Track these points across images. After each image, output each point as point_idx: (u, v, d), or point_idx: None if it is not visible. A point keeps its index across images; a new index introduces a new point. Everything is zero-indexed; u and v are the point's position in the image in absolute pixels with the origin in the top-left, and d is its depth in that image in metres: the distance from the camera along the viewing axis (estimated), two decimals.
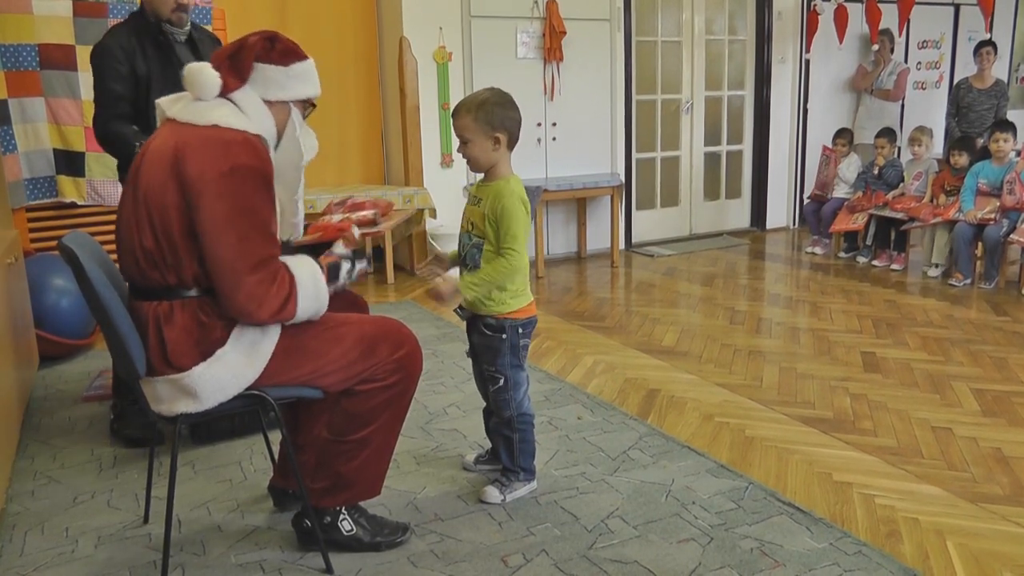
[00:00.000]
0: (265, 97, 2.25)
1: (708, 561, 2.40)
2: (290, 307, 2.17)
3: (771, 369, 4.15)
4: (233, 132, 2.14)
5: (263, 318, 2.15)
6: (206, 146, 2.09)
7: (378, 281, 6.38)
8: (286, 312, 2.17)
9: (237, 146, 2.11)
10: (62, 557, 2.51)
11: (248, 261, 2.10)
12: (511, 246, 2.61)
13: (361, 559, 2.44)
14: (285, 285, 2.16)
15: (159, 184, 2.09)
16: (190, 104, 2.20)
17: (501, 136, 2.61)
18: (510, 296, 2.69)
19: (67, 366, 4.34)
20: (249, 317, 2.14)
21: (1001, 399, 3.69)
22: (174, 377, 2.16)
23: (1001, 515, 2.67)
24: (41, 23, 4.96)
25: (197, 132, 2.12)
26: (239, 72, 2.21)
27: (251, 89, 2.23)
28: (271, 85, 2.26)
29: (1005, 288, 5.76)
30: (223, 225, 2.07)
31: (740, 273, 6.49)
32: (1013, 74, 9.45)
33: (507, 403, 2.77)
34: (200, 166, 2.07)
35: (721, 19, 7.87)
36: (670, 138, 7.78)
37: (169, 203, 2.09)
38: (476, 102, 2.60)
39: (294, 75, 2.31)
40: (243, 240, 2.09)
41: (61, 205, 5.24)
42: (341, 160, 6.61)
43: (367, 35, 6.55)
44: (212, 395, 2.19)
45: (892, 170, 6.65)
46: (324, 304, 2.28)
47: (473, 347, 2.83)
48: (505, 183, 2.66)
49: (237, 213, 2.08)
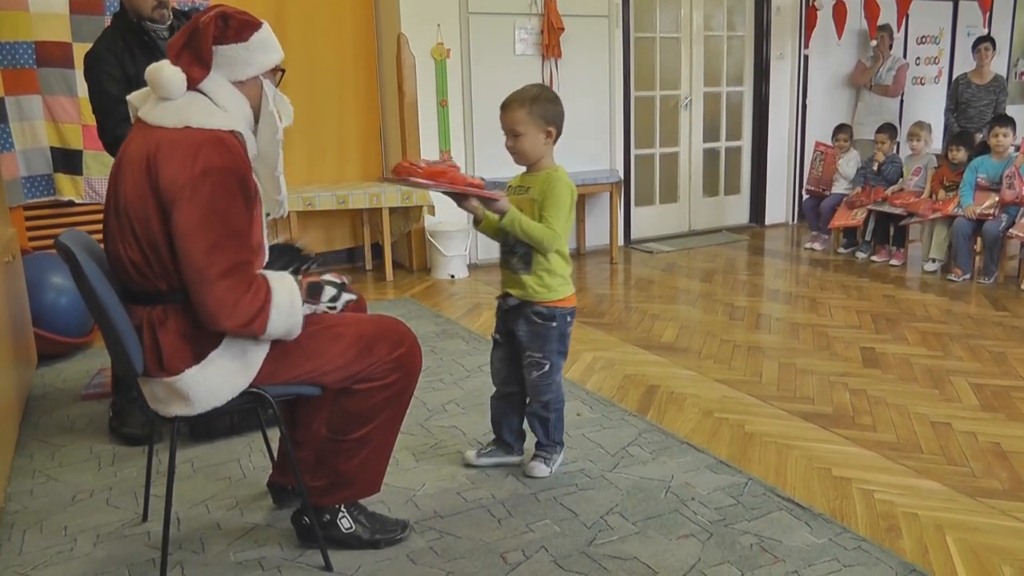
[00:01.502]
0: (233, 79, 2.19)
1: (708, 557, 2.40)
2: (262, 318, 2.10)
3: (770, 365, 4.15)
4: (204, 133, 2.08)
5: (233, 326, 2.08)
6: (176, 150, 2.04)
7: (377, 279, 6.38)
8: (257, 323, 2.10)
9: (208, 147, 2.06)
10: (61, 555, 2.51)
11: (219, 267, 2.04)
12: (552, 222, 2.72)
13: (360, 556, 2.43)
14: (260, 295, 2.10)
15: (138, 195, 2.07)
16: (159, 104, 2.14)
17: (552, 130, 2.77)
18: (559, 284, 2.80)
19: (66, 364, 4.33)
20: (218, 324, 2.07)
21: (1000, 394, 3.69)
22: (168, 380, 2.16)
23: (1000, 510, 2.67)
24: (38, 20, 4.95)
25: (168, 136, 2.08)
26: (201, 61, 2.15)
27: (217, 75, 2.17)
28: (236, 65, 2.19)
29: (1004, 283, 5.76)
30: (194, 230, 2.02)
31: (739, 269, 6.48)
32: (1012, 69, 9.45)
33: (548, 387, 2.89)
34: (172, 172, 2.02)
35: (720, 15, 7.85)
36: (669, 134, 7.77)
37: (150, 213, 2.06)
38: (529, 96, 2.72)
39: (255, 48, 2.22)
40: (214, 246, 2.04)
41: (59, 203, 5.24)
42: (339, 157, 6.59)
43: (365, 32, 6.54)
44: (205, 399, 2.18)
45: (891, 166, 6.64)
46: (297, 323, 2.19)
47: (513, 336, 2.88)
48: (555, 171, 2.81)
49: (208, 217, 2.03)
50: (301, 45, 6.22)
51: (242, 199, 2.10)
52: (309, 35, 6.25)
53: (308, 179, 6.46)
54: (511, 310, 2.85)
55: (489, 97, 6.60)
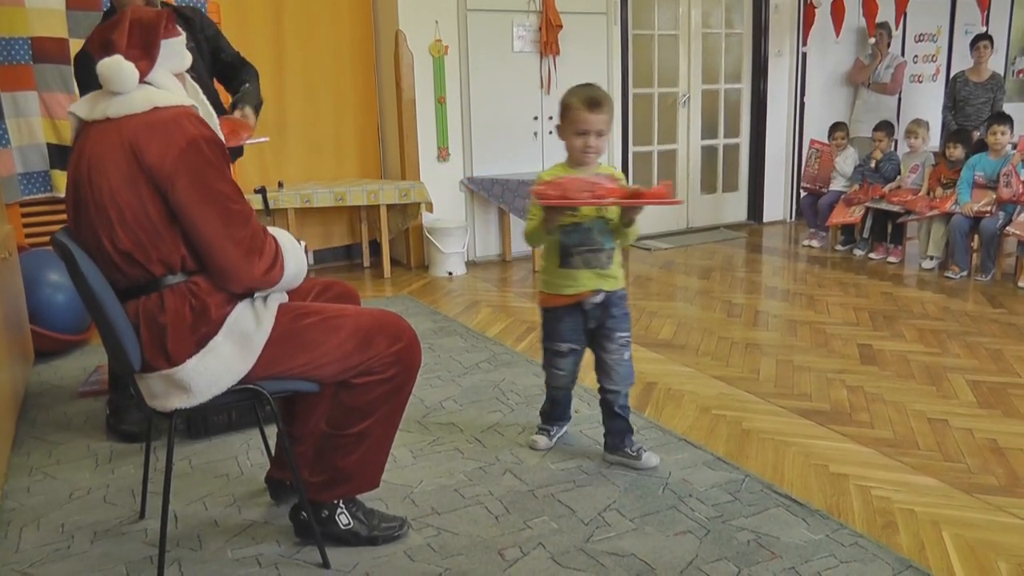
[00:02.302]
0: (174, 71, 2.29)
1: (705, 553, 2.41)
2: (279, 263, 2.23)
3: (768, 362, 4.15)
4: (173, 109, 2.15)
5: (257, 279, 2.18)
6: (154, 130, 2.09)
7: (374, 276, 6.38)
8: (276, 269, 2.22)
9: (184, 119, 2.13)
10: (58, 553, 2.50)
11: (233, 227, 2.14)
12: None
13: (358, 553, 2.43)
14: (272, 243, 2.24)
15: (127, 183, 2.08)
16: (115, 99, 2.16)
17: None
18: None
19: (63, 361, 4.33)
20: (242, 282, 2.18)
21: (997, 390, 3.70)
22: (167, 372, 2.15)
23: (996, 506, 2.68)
24: (34, 16, 4.94)
25: (141, 120, 2.11)
26: (150, 56, 2.21)
27: (160, 68, 2.24)
28: (174, 58, 2.29)
29: (1001, 280, 5.76)
30: (199, 200, 2.10)
31: (737, 266, 6.49)
32: (1009, 67, 9.45)
33: (631, 367, 3.01)
34: (158, 151, 2.07)
35: (718, 12, 7.85)
36: (667, 131, 7.78)
37: (144, 196, 2.08)
38: (608, 97, 2.83)
39: (181, 44, 2.33)
40: (223, 210, 2.13)
41: (55, 200, 5.22)
42: (338, 154, 6.59)
43: (363, 29, 6.54)
44: (206, 389, 2.18)
45: (889, 163, 6.64)
46: (303, 260, 2.34)
47: (596, 333, 2.96)
48: (610, 166, 3.03)
49: (207, 185, 2.11)
50: (299, 42, 6.22)
51: (224, 162, 2.19)
52: (307, 32, 6.25)
53: (306, 176, 6.45)
54: (598, 306, 2.92)
55: (487, 94, 6.61)
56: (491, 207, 6.75)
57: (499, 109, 6.67)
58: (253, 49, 5.42)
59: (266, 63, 6.09)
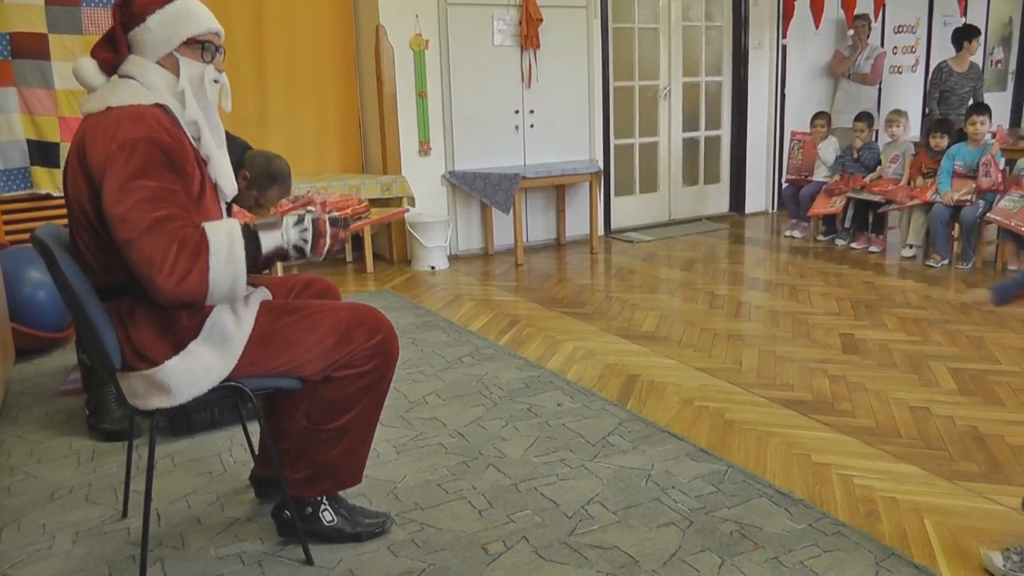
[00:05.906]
0: (155, 58, 2.18)
1: (688, 545, 2.42)
2: (199, 268, 1.99)
3: (750, 352, 4.17)
4: (123, 109, 2.07)
5: (172, 286, 1.97)
6: (97, 131, 2.05)
7: (357, 271, 6.36)
8: (194, 276, 1.98)
9: (126, 121, 2.04)
10: (39, 553, 2.49)
11: (141, 225, 1.96)
12: None
13: (341, 550, 2.43)
14: (192, 244, 2.00)
15: (77, 184, 2.07)
16: (90, 97, 2.16)
17: None
18: None
19: (44, 359, 4.30)
20: (157, 288, 1.97)
21: (978, 378, 3.73)
22: (147, 372, 2.14)
23: (977, 492, 2.70)
24: (12, 11, 4.89)
25: (92, 120, 2.09)
26: (112, 47, 2.18)
27: (139, 57, 2.18)
28: (148, 45, 2.17)
29: (982, 268, 5.81)
30: (115, 201, 1.98)
31: (719, 258, 6.51)
32: (987, 57, 9.51)
33: None
34: (95, 152, 2.03)
35: (698, 5, 7.86)
36: (648, 124, 7.79)
37: (85, 198, 2.06)
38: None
39: (159, 24, 2.16)
40: (133, 208, 1.97)
41: (36, 196, 5.19)
42: (319, 149, 6.57)
43: (343, 23, 6.51)
44: (185, 390, 2.16)
45: (869, 151, 6.68)
46: (241, 270, 2.06)
47: None
48: None
49: (125, 184, 1.98)
50: (279, 38, 6.19)
51: (166, 167, 2.04)
52: (288, 27, 6.22)
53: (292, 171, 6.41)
54: None
55: (468, 88, 6.60)
56: (473, 201, 6.74)
57: (480, 103, 6.66)
58: (233, 45, 5.38)
59: (247, 59, 6.06)
